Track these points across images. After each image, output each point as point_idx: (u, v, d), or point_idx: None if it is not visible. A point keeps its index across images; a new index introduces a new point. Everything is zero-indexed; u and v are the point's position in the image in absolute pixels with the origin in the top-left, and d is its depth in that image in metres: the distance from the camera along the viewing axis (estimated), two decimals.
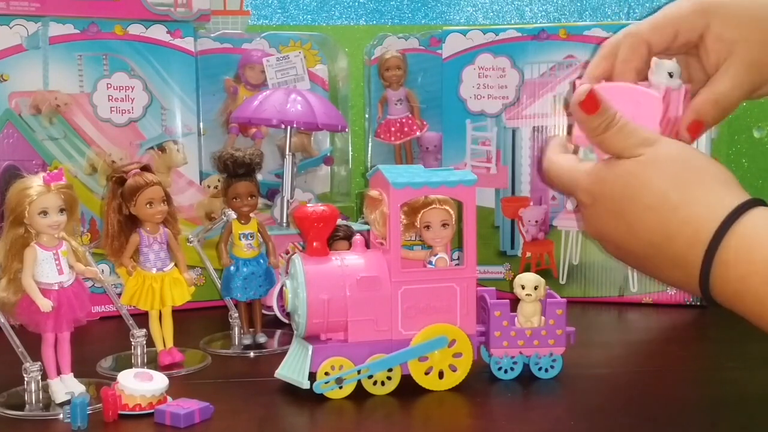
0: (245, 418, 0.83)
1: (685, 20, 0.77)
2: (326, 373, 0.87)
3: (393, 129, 1.37)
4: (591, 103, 0.72)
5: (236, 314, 1.08)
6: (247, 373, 0.98)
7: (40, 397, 0.87)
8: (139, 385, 0.83)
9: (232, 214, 1.05)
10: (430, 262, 0.92)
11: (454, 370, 0.90)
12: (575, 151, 0.82)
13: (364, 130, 1.44)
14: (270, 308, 1.12)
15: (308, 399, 0.87)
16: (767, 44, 0.75)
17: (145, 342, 0.99)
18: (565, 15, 1.57)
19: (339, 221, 0.99)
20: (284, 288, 0.91)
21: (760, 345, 0.99)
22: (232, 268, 1.06)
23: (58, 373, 0.88)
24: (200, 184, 1.29)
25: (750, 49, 0.75)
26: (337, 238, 1.05)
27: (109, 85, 1.23)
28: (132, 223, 0.98)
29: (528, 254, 1.30)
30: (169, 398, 0.85)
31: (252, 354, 1.05)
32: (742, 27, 0.75)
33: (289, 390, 0.89)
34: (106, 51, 1.23)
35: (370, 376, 0.88)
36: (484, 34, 1.30)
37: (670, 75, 0.75)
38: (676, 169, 0.69)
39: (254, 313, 1.09)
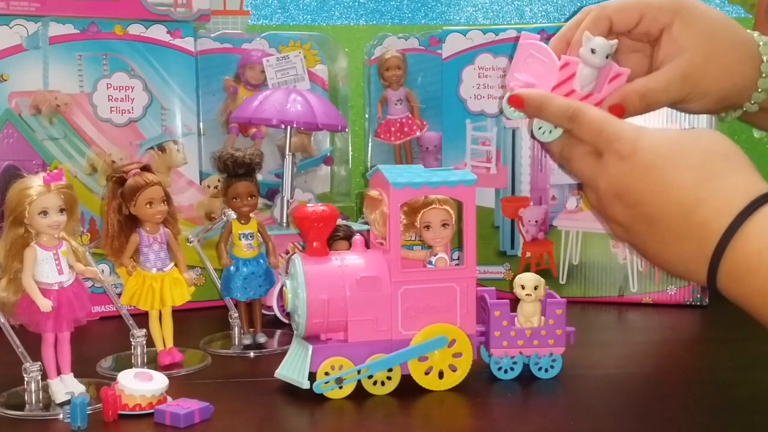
0: (245, 418, 0.83)
1: (651, 10, 0.81)
2: (326, 373, 0.87)
3: (393, 129, 1.37)
4: None
5: (236, 314, 1.08)
6: (247, 373, 0.98)
7: (40, 397, 0.87)
8: (139, 385, 0.83)
9: (232, 214, 1.05)
10: (430, 262, 0.92)
11: (454, 370, 0.90)
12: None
13: (364, 130, 1.44)
14: (270, 308, 1.12)
15: (308, 399, 0.87)
16: (709, 64, 0.79)
17: (145, 342, 0.99)
18: (565, 15, 1.57)
19: (339, 221, 0.99)
20: (284, 288, 0.91)
21: (760, 345, 0.99)
22: (232, 268, 1.06)
23: (58, 373, 0.88)
24: (200, 184, 1.29)
25: (692, 62, 0.79)
26: (337, 238, 1.05)
27: (109, 85, 1.23)
28: (132, 223, 0.98)
29: (528, 254, 1.30)
30: (169, 398, 0.85)
31: (252, 354, 1.05)
32: (695, 39, 0.79)
33: (289, 390, 0.89)
34: (106, 51, 1.23)
35: (370, 376, 0.88)
36: (484, 34, 1.30)
37: (593, 51, 0.78)
38: (725, 145, 0.71)
39: (254, 313, 1.09)
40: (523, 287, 0.92)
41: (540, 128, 0.81)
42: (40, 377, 0.87)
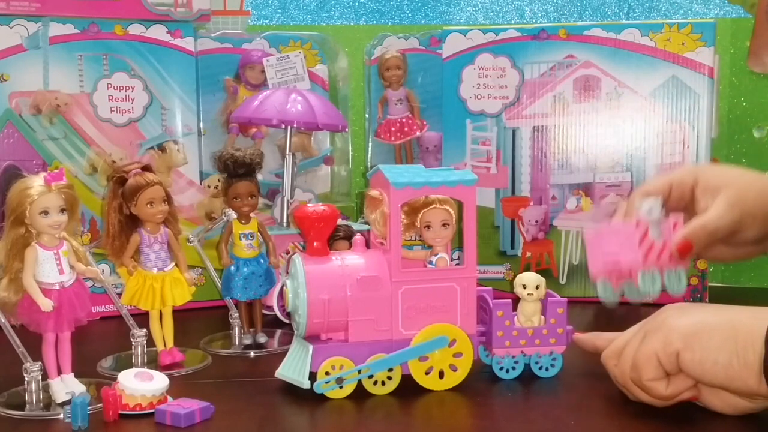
0: (245, 418, 0.83)
1: (676, 177, 0.96)
2: (327, 373, 0.87)
3: (393, 129, 1.37)
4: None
5: (236, 314, 1.08)
6: (248, 373, 0.98)
7: (41, 396, 0.87)
8: (140, 384, 0.83)
9: (233, 214, 1.05)
10: (431, 262, 0.92)
11: (455, 370, 0.90)
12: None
13: (364, 130, 1.44)
14: (270, 308, 1.12)
15: (308, 399, 0.87)
16: (745, 193, 0.91)
17: (145, 342, 0.99)
18: (565, 15, 1.57)
19: (339, 221, 0.99)
20: (284, 288, 0.91)
21: None
22: (232, 268, 1.06)
23: (59, 372, 0.88)
24: (200, 184, 1.29)
25: (731, 192, 0.91)
26: (338, 238, 1.05)
27: (109, 85, 1.24)
28: (133, 222, 0.98)
29: (528, 254, 1.30)
30: (169, 398, 0.85)
31: (252, 354, 1.05)
32: (723, 179, 0.93)
33: (290, 390, 0.89)
34: (107, 51, 1.23)
35: (371, 376, 0.88)
36: (484, 34, 1.30)
37: (649, 210, 0.90)
38: None
39: (254, 313, 1.09)
40: (524, 286, 0.92)
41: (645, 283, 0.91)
42: (40, 377, 0.87)
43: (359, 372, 0.88)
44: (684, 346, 0.77)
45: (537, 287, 0.92)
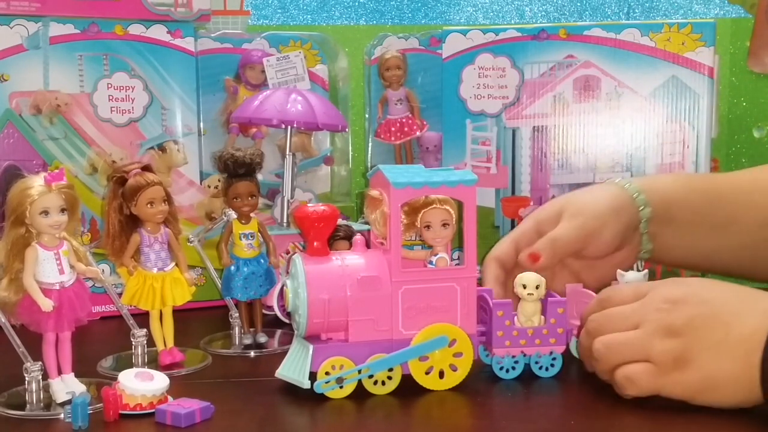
0: (246, 418, 0.83)
1: (544, 215, 1.03)
2: (327, 373, 0.87)
3: (393, 129, 1.37)
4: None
5: (236, 314, 1.08)
6: (248, 373, 0.98)
7: (41, 396, 0.87)
8: (140, 384, 0.83)
9: (233, 214, 1.05)
10: (431, 262, 0.92)
11: (455, 370, 0.90)
12: None
13: (364, 130, 1.44)
14: (270, 308, 1.12)
15: (308, 399, 0.87)
16: (583, 205, 1.01)
17: (145, 342, 0.99)
18: (565, 15, 1.57)
19: (339, 221, 0.99)
20: (285, 288, 0.91)
21: None
22: (232, 267, 1.06)
23: (59, 372, 0.88)
24: (200, 184, 1.29)
25: (586, 222, 1.00)
26: (338, 237, 1.05)
27: (109, 85, 1.23)
28: (133, 222, 0.98)
29: None
30: (169, 398, 0.85)
31: (252, 354, 1.05)
32: (578, 207, 1.01)
33: (290, 390, 0.89)
34: (107, 51, 1.23)
35: (371, 376, 0.88)
36: (484, 34, 1.30)
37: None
38: None
39: (255, 312, 1.09)
40: (524, 286, 0.92)
41: None
42: (40, 377, 0.87)
43: (359, 372, 0.88)
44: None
45: (537, 287, 0.92)
